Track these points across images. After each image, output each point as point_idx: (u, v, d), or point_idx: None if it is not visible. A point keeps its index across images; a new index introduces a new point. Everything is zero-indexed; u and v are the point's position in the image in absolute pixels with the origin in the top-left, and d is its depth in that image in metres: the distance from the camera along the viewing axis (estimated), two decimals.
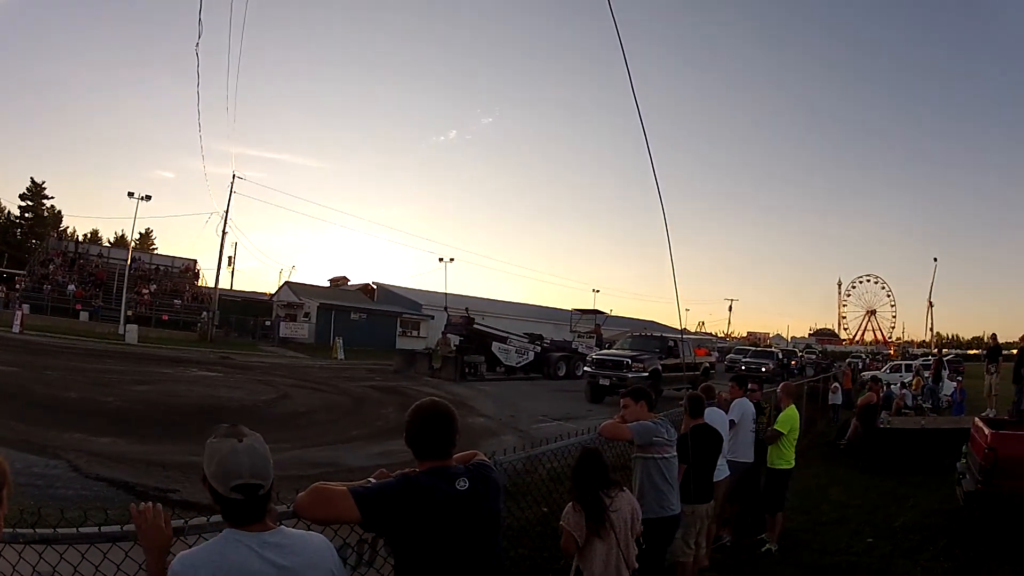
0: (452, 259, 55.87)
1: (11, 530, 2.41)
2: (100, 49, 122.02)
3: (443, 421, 2.82)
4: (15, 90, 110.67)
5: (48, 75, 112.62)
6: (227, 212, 45.79)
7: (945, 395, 22.84)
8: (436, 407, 2.88)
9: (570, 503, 4.19)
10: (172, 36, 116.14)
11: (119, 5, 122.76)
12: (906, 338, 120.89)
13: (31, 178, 77.95)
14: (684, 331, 42.82)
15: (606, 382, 23.06)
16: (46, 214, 77.25)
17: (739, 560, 7.49)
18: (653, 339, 27.32)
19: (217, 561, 2.06)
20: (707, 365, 28.64)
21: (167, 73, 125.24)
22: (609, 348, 30.14)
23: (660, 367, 23.95)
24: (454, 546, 2.67)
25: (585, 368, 26.49)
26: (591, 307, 49.08)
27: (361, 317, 51.22)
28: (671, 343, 25.97)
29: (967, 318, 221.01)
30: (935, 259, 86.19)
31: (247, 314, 50.88)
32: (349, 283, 67.11)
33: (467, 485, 2.73)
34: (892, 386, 23.12)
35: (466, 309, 35.69)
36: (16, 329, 32.14)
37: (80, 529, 2.51)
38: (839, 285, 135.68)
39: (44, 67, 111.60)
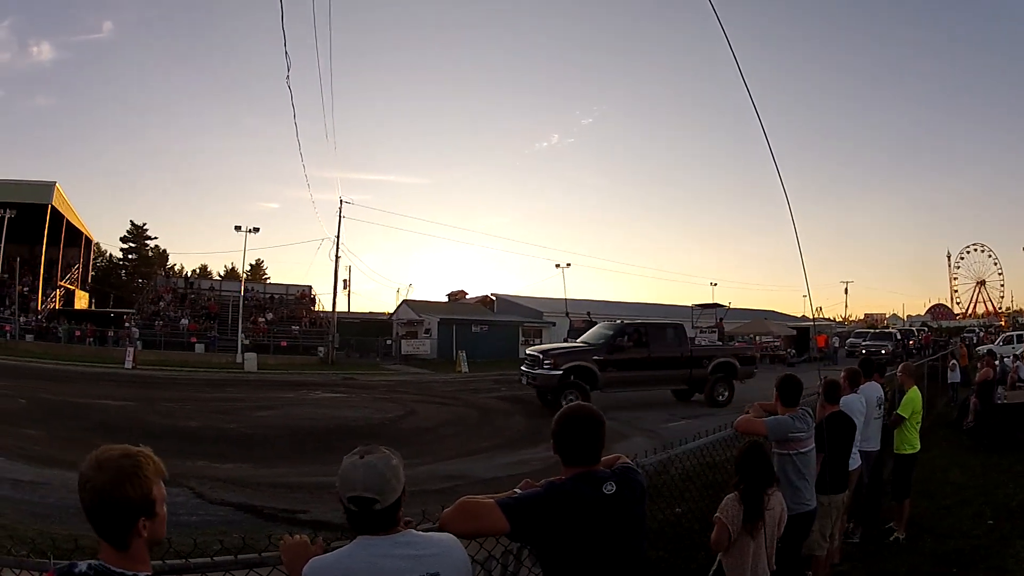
0: (568, 264, 55.77)
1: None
2: (189, 91, 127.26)
3: (591, 426, 2.77)
4: (108, 139, 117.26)
5: (141, 121, 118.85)
6: (338, 237, 46.53)
7: None
8: (584, 412, 2.83)
9: (731, 495, 4.15)
10: (264, 71, 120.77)
11: (210, 46, 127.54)
12: (1016, 307, 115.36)
13: (131, 221, 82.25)
14: (814, 318, 40.95)
15: (524, 380, 20.58)
16: (150, 254, 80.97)
17: (867, 551, 7.31)
18: (613, 327, 22.44)
19: (347, 563, 2.16)
20: (725, 360, 22.10)
21: (259, 109, 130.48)
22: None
23: (594, 365, 19.87)
24: (602, 551, 2.63)
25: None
26: (711, 301, 48.47)
27: (482, 329, 50.99)
28: (640, 331, 21.51)
29: None
30: None
31: (367, 335, 51.05)
32: (468, 296, 68.21)
33: (614, 489, 2.68)
34: (1006, 359, 22.01)
35: (587, 313, 35.40)
36: (128, 365, 32.42)
37: (215, 558, 2.55)
38: (948, 257, 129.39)
39: (136, 113, 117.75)
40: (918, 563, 6.88)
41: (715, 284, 71.50)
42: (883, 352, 34.73)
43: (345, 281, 50.07)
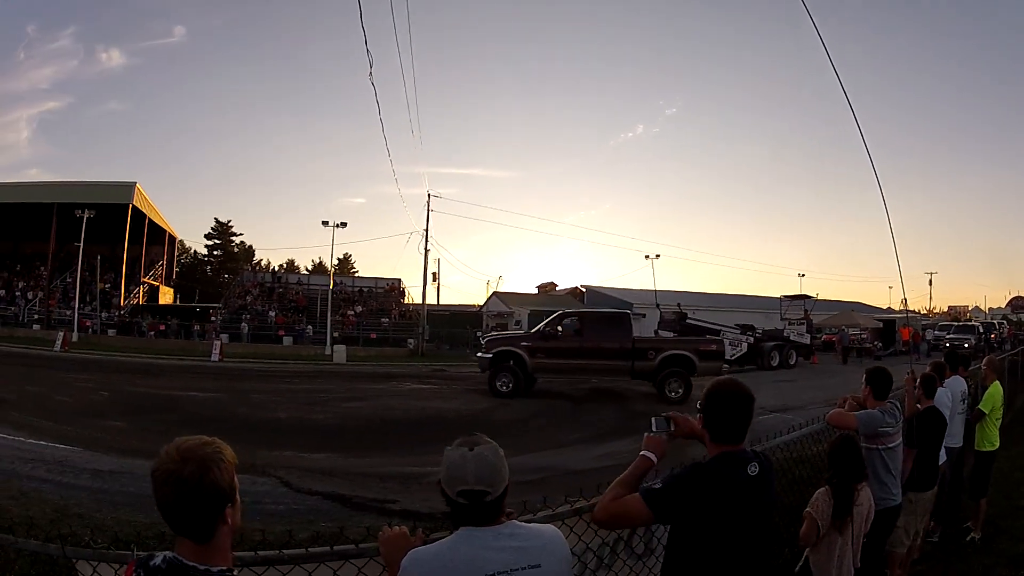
0: (658, 255, 55.14)
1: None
2: (273, 90, 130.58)
3: (743, 402, 2.76)
4: (193, 139, 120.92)
5: (225, 121, 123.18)
6: (427, 230, 46.98)
7: None
8: (738, 386, 2.81)
9: (822, 489, 4.09)
10: (348, 67, 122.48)
11: (293, 43, 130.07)
12: None
13: (215, 218, 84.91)
14: (905, 310, 40.09)
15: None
16: (236, 250, 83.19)
17: (946, 550, 7.25)
18: (561, 315, 22.39)
19: (448, 555, 2.14)
20: (676, 353, 20.50)
21: (344, 105, 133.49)
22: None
23: (523, 350, 20.32)
24: (741, 533, 2.63)
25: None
26: (798, 292, 48.36)
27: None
28: (576, 319, 21.84)
29: None
30: None
31: (457, 326, 50.59)
32: (557, 288, 68.60)
33: (757, 470, 2.68)
34: None
35: (678, 305, 35.19)
36: (215, 358, 33.12)
37: (309, 549, 2.50)
38: None
39: (220, 114, 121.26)
40: (992, 564, 6.82)
41: (802, 275, 69.71)
42: (966, 345, 33.67)
43: (434, 274, 50.76)
